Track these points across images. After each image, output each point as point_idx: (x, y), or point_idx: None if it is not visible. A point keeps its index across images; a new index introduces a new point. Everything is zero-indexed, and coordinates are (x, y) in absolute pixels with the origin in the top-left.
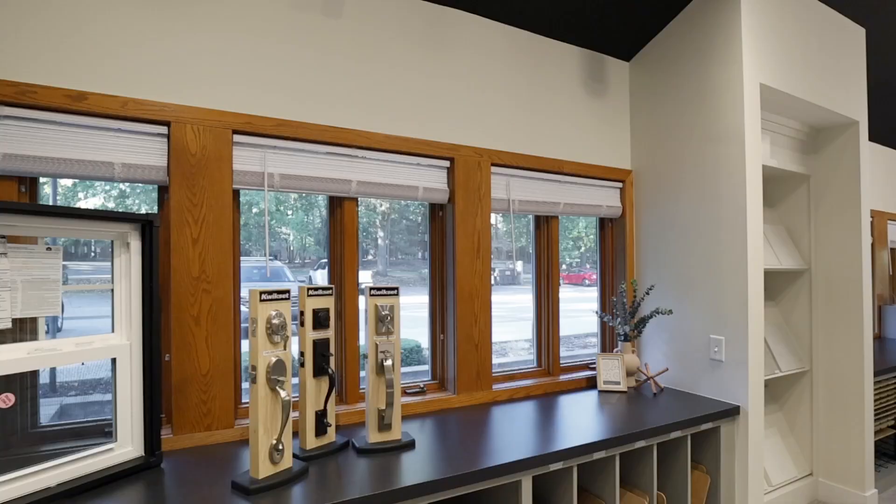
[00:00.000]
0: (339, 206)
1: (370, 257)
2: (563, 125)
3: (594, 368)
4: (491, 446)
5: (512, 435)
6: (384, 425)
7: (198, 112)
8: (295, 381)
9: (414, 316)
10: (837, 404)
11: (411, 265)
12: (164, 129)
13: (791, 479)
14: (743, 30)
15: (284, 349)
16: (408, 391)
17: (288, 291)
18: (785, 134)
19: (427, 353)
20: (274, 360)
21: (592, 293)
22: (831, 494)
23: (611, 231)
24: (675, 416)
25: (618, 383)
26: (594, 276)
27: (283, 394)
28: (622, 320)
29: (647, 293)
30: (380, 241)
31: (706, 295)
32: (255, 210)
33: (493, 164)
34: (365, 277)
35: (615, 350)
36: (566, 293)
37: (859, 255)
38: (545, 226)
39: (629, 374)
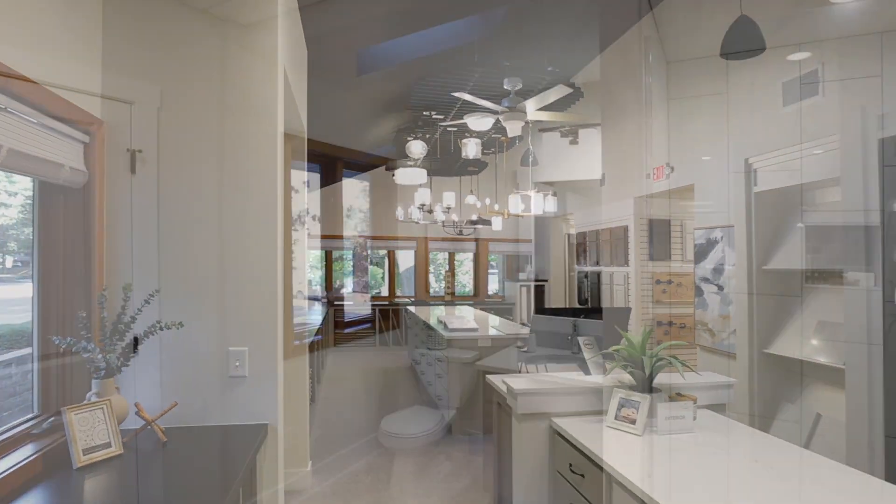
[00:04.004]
0: None
1: None
2: None
3: (41, 438)
4: None
5: None
6: None
7: None
8: None
9: None
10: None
11: None
12: None
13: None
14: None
15: None
16: None
17: None
18: None
19: None
20: None
21: None
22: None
23: (63, 209)
24: (217, 472)
25: (109, 445)
26: None
27: None
28: (103, 346)
29: (148, 302)
30: None
31: (225, 298)
32: None
33: None
34: None
35: (88, 395)
36: None
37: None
38: None
39: (119, 423)
